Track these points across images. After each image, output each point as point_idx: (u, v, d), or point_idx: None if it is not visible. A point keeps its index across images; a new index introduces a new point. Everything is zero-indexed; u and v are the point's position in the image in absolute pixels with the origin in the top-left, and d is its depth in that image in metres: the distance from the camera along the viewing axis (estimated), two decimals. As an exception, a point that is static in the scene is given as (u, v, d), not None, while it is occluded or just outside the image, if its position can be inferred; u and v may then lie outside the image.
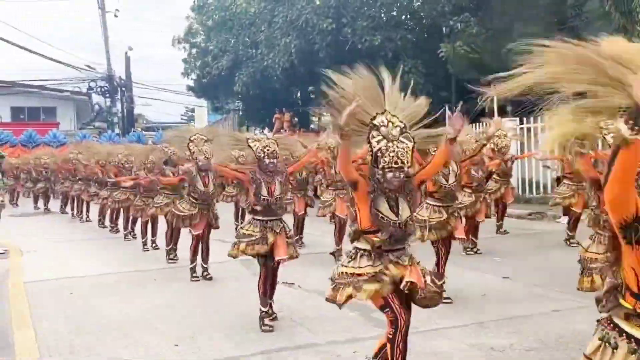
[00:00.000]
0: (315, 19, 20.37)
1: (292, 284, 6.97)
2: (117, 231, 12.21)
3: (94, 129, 33.86)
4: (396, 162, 3.52)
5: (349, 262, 3.71)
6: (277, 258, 5.38)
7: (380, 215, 3.59)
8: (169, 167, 9.12)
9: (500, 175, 10.37)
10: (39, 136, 28.76)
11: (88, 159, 13.75)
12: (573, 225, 9.30)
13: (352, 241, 3.81)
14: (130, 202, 10.72)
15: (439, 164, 4.02)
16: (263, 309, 5.47)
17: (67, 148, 20.71)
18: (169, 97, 70.08)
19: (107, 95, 34.89)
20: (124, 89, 35.24)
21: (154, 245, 10.07)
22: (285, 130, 23.53)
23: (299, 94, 29.13)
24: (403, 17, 22.39)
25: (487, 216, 9.06)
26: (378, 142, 3.56)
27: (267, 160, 5.38)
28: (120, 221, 11.97)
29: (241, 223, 11.93)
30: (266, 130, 27.50)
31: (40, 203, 18.92)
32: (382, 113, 3.62)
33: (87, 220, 14.82)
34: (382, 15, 21.24)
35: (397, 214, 3.61)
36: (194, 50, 28.46)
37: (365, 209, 3.64)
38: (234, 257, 5.56)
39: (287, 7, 21.36)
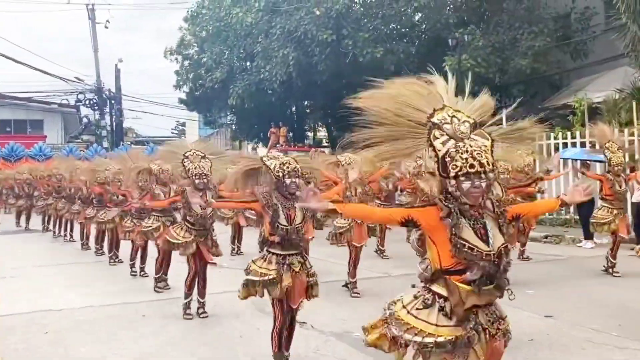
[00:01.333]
0: (314, 30, 19.63)
1: (304, 323, 5.99)
2: (102, 254, 11.25)
3: (81, 142, 32.93)
4: (472, 166, 2.61)
5: (415, 304, 2.72)
6: (293, 305, 4.47)
7: (468, 245, 2.63)
8: (159, 186, 8.21)
9: (525, 197, 9.54)
10: (22, 149, 27.71)
11: (72, 174, 12.86)
12: (615, 252, 8.44)
13: (426, 282, 2.81)
14: (116, 223, 9.76)
15: (540, 213, 2.96)
16: None
17: (52, 162, 19.75)
18: (159, 111, 69.44)
19: (96, 108, 33.90)
20: (113, 101, 34.30)
21: (142, 273, 9.09)
22: (282, 145, 22.70)
23: (294, 108, 28.35)
24: (404, 30, 21.73)
25: (520, 242, 8.16)
26: (444, 143, 2.67)
27: (288, 181, 4.43)
28: (105, 243, 11.02)
29: (237, 247, 11.01)
30: (260, 145, 26.69)
31: (23, 220, 18.00)
32: (442, 109, 2.74)
33: (70, 240, 13.85)
34: (383, 27, 20.55)
35: (487, 242, 2.66)
36: (186, 62, 27.60)
37: (443, 242, 2.68)
38: (243, 299, 4.61)
39: (285, 18, 20.60)
